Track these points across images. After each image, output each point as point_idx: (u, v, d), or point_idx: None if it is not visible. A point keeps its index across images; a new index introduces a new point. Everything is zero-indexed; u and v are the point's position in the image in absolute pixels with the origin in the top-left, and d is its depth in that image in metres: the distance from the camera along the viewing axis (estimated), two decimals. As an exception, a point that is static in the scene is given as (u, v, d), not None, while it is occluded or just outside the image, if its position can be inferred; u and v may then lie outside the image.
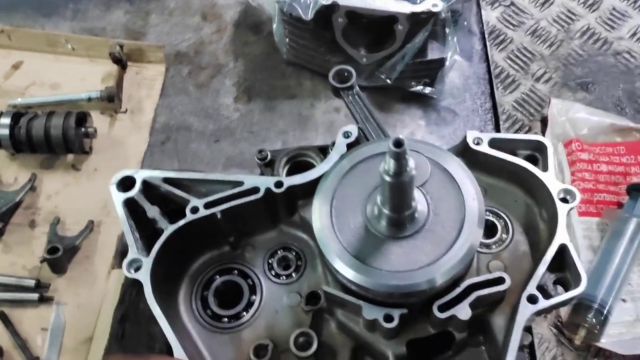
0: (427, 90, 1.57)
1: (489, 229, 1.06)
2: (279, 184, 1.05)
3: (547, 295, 0.93)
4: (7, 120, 1.44)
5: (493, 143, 1.05)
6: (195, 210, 1.04)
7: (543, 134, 1.57)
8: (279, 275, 1.12)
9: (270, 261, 1.14)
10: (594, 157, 1.52)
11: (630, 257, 1.33)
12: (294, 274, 1.12)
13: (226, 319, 1.09)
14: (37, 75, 1.64)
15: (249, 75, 1.65)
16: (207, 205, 1.04)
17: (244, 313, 1.09)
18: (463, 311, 0.91)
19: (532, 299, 0.92)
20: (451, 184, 0.96)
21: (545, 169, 1.02)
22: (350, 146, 1.08)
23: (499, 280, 0.93)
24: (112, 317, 1.25)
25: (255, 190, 1.05)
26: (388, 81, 1.54)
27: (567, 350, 1.30)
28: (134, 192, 1.07)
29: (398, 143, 0.77)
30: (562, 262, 0.96)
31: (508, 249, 1.03)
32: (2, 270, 1.37)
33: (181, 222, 1.04)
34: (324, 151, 1.23)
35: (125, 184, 1.09)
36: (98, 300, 1.33)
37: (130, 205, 1.08)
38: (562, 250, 0.95)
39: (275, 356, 1.04)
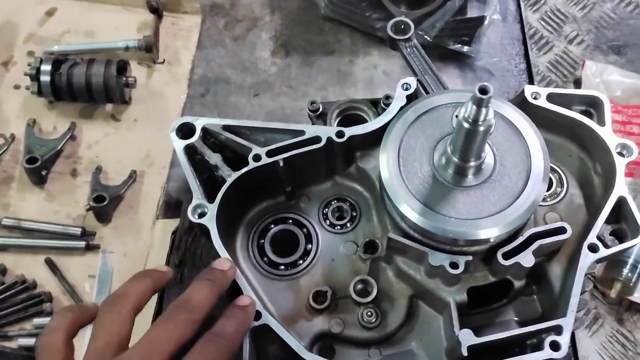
0: (465, 49, 1.58)
1: (545, 183, 1.08)
2: (340, 134, 1.06)
3: (605, 245, 0.96)
4: (48, 67, 1.42)
5: (550, 98, 1.07)
6: (257, 158, 1.05)
7: (577, 95, 1.59)
8: (334, 225, 1.14)
9: (325, 211, 1.16)
10: (626, 119, 1.54)
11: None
12: (348, 224, 1.14)
13: (283, 267, 1.11)
14: (71, 22, 1.62)
15: (285, 30, 1.64)
16: (270, 153, 1.05)
17: (301, 261, 1.11)
18: (526, 258, 0.94)
19: (593, 248, 0.95)
20: (516, 136, 0.98)
21: (602, 123, 1.05)
22: (409, 98, 1.09)
23: (561, 230, 0.96)
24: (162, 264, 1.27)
25: (316, 139, 1.06)
26: (427, 38, 1.54)
27: (600, 304, 1.34)
28: (194, 139, 1.08)
29: (484, 90, 0.79)
30: (619, 214, 0.99)
31: (563, 202, 1.06)
32: (47, 218, 1.37)
33: (244, 169, 1.05)
34: (375, 105, 1.24)
35: (184, 131, 1.10)
36: (144, 249, 1.34)
37: (190, 153, 1.09)
38: (620, 202, 0.98)
39: (334, 302, 1.07)
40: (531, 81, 1.61)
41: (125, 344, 0.78)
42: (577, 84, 1.61)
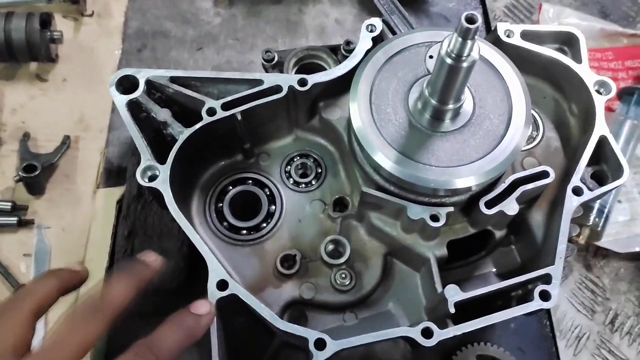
0: (422, -7, 1.49)
1: (520, 126, 1.03)
2: (302, 82, 0.97)
3: (588, 188, 0.92)
4: (-43, 23, 1.24)
5: (524, 36, 1.01)
6: (212, 112, 0.94)
7: (534, 40, 1.54)
8: (298, 183, 1.06)
9: (287, 169, 1.07)
10: (584, 63, 1.51)
11: (627, 158, 1.35)
12: (313, 182, 1.06)
13: (245, 231, 1.02)
14: (-18, -27, 1.42)
15: (227, -24, 1.51)
16: (226, 106, 0.95)
17: (264, 224, 1.02)
18: (510, 206, 0.89)
19: (577, 192, 0.90)
20: (495, 76, 0.91)
21: (578, 61, 0.99)
22: (374, 41, 1.00)
23: (543, 174, 0.91)
24: (108, 237, 1.15)
25: (277, 89, 0.96)
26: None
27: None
28: (137, 94, 0.96)
29: (471, 19, 0.71)
30: (599, 155, 0.95)
31: (540, 146, 1.01)
32: (-31, 193, 1.22)
33: (198, 125, 0.94)
34: (334, 52, 1.14)
35: (125, 85, 0.97)
36: (84, 222, 1.21)
37: (133, 110, 0.96)
38: (601, 142, 0.94)
39: (303, 266, 0.99)
40: (488, 26, 1.55)
41: (21, 351, 0.68)
42: (534, 28, 1.56)
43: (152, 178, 0.90)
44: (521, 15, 1.59)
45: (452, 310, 0.83)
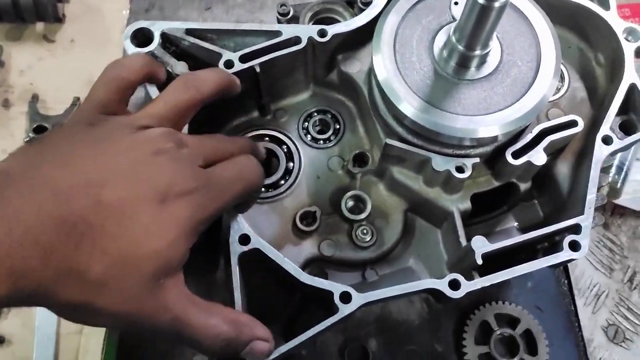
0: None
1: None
2: (322, 33, 0.94)
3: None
4: (-39, -19, 1.21)
5: (548, -16, 0.97)
6: (229, 64, 0.91)
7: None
8: (317, 139, 1.03)
9: (305, 125, 1.04)
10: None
11: (646, 115, 1.33)
12: (332, 138, 1.03)
13: (263, 188, 1.00)
14: None
15: None
16: (244, 59, 0.92)
17: (283, 181, 1.00)
18: (538, 156, 0.87)
19: (606, 140, 0.88)
20: (522, 21, 0.88)
21: (605, 7, 0.96)
22: (393, -10, 0.97)
23: (572, 124, 0.88)
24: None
25: (296, 40, 0.93)
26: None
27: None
28: (153, 46, 0.92)
29: (506, -44, 0.68)
30: (627, 105, 0.92)
31: (565, 97, 0.99)
32: (-22, 155, 1.19)
33: (215, 78, 0.91)
34: (351, 5, 1.11)
35: (139, 38, 0.94)
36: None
37: (149, 64, 0.93)
38: (631, 90, 0.91)
39: (323, 223, 0.97)
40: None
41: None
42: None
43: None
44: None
45: (480, 261, 0.82)
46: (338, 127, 1.04)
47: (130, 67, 0.81)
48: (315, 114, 1.04)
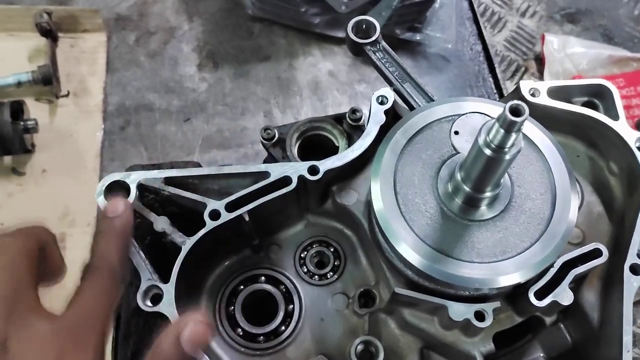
0: (417, 36, 1.40)
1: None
2: (313, 170, 0.86)
3: (647, 262, 0.82)
4: None
5: (551, 93, 0.91)
6: (215, 215, 0.83)
7: (540, 73, 1.46)
8: (316, 275, 0.94)
9: (301, 260, 0.95)
10: (596, 92, 1.43)
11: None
12: (333, 273, 0.95)
13: (262, 338, 0.90)
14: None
15: (209, 38, 1.41)
16: (230, 207, 0.83)
17: (283, 327, 0.91)
18: (564, 295, 0.78)
19: (635, 270, 0.80)
20: (530, 148, 0.81)
21: (613, 116, 0.90)
22: (387, 114, 0.90)
23: (596, 253, 0.80)
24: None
25: (285, 180, 0.85)
26: (375, 30, 1.35)
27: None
28: (131, 199, 0.84)
29: (517, 110, 0.61)
30: (651, 221, 0.85)
31: (582, 213, 0.91)
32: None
33: (201, 233, 0.82)
34: (339, 121, 1.04)
35: (114, 192, 0.86)
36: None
37: (125, 218, 0.84)
38: (654, 207, 0.84)
39: (331, 374, 0.88)
40: (490, 63, 1.47)
41: None
42: (539, 61, 1.48)
43: (156, 299, 0.79)
44: (523, 48, 1.51)
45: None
46: (338, 260, 0.95)
47: None
48: (312, 246, 0.96)
